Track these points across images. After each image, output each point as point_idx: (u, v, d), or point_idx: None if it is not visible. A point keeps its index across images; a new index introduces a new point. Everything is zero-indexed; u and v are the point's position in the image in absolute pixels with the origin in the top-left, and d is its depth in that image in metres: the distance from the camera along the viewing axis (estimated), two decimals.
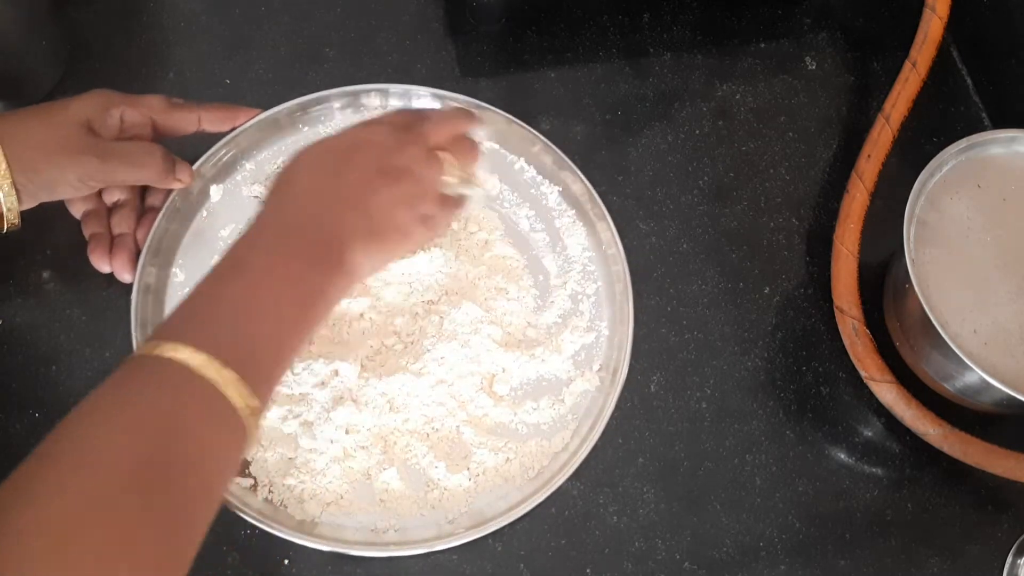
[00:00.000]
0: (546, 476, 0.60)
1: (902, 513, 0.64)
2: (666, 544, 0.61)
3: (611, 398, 0.62)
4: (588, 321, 0.65)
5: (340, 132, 0.55)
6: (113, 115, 0.59)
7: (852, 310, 0.65)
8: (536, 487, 0.59)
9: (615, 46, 0.76)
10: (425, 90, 0.69)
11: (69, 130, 0.57)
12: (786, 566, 0.62)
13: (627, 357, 0.63)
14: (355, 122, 0.57)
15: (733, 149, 0.73)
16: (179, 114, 0.62)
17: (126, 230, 0.62)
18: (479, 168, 0.61)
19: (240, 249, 0.50)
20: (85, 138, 0.57)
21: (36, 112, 0.58)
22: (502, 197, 0.68)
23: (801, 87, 0.76)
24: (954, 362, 0.59)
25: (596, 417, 0.61)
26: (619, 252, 0.65)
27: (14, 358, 0.61)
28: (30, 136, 0.56)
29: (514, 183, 0.68)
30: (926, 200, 0.64)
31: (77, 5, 0.71)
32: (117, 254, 0.62)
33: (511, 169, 0.69)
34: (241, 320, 0.47)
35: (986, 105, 0.77)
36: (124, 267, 0.62)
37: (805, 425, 0.66)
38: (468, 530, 0.58)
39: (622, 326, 0.64)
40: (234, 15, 0.73)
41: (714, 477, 0.63)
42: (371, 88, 0.68)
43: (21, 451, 0.58)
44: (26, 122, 0.57)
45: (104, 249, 0.61)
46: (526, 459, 0.61)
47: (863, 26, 0.79)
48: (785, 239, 0.71)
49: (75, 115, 0.58)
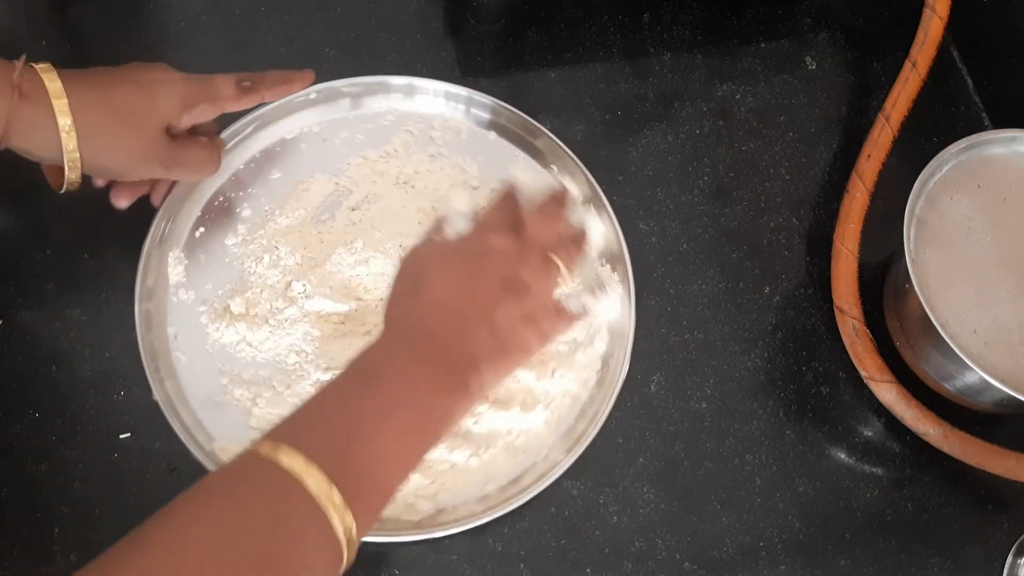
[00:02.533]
0: (539, 472, 0.60)
1: (902, 513, 0.64)
2: (666, 544, 0.61)
3: (611, 396, 0.62)
4: (589, 319, 0.65)
5: (463, 238, 0.54)
6: (192, 115, 0.59)
7: (852, 310, 0.65)
8: (527, 485, 0.60)
9: (615, 46, 0.76)
10: (444, 85, 0.69)
11: (150, 137, 0.57)
12: (786, 566, 0.62)
13: (627, 356, 0.63)
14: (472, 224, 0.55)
15: (733, 149, 0.73)
16: (247, 98, 0.62)
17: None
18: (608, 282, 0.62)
19: (372, 362, 0.49)
20: (160, 146, 0.58)
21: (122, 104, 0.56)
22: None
23: (801, 87, 0.76)
24: (954, 362, 0.59)
25: (593, 416, 0.61)
26: (623, 250, 0.65)
27: (14, 358, 0.61)
28: (112, 137, 0.56)
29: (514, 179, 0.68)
30: (926, 200, 0.64)
31: (77, 5, 0.71)
32: (131, 185, 0.61)
33: (513, 164, 0.69)
34: (361, 439, 0.46)
35: (986, 105, 0.77)
36: (125, 194, 0.61)
37: (805, 425, 0.66)
38: (463, 520, 0.58)
39: (623, 324, 0.64)
40: (234, 15, 0.73)
41: (714, 477, 0.63)
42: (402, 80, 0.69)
43: (21, 451, 0.59)
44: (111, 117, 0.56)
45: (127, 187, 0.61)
46: (522, 457, 0.61)
47: (863, 26, 0.79)
48: (785, 239, 0.71)
49: (158, 119, 0.57)
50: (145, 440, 0.59)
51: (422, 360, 0.49)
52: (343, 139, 0.69)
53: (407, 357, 0.49)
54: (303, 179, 0.67)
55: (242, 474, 0.43)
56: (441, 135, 0.69)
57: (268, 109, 0.67)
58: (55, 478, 0.58)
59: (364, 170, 0.68)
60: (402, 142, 0.69)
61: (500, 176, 0.68)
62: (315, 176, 0.67)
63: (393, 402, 0.47)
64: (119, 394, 0.61)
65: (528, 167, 0.69)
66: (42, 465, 0.59)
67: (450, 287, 0.51)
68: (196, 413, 0.60)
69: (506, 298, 0.51)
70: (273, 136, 0.68)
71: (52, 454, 0.59)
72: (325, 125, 0.69)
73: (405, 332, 0.50)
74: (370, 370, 0.48)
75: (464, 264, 0.52)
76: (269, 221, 0.66)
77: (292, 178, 0.67)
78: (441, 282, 0.51)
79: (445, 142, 0.69)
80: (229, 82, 0.61)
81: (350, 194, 0.67)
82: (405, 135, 0.69)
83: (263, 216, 0.66)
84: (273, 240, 0.65)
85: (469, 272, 0.52)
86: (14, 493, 0.58)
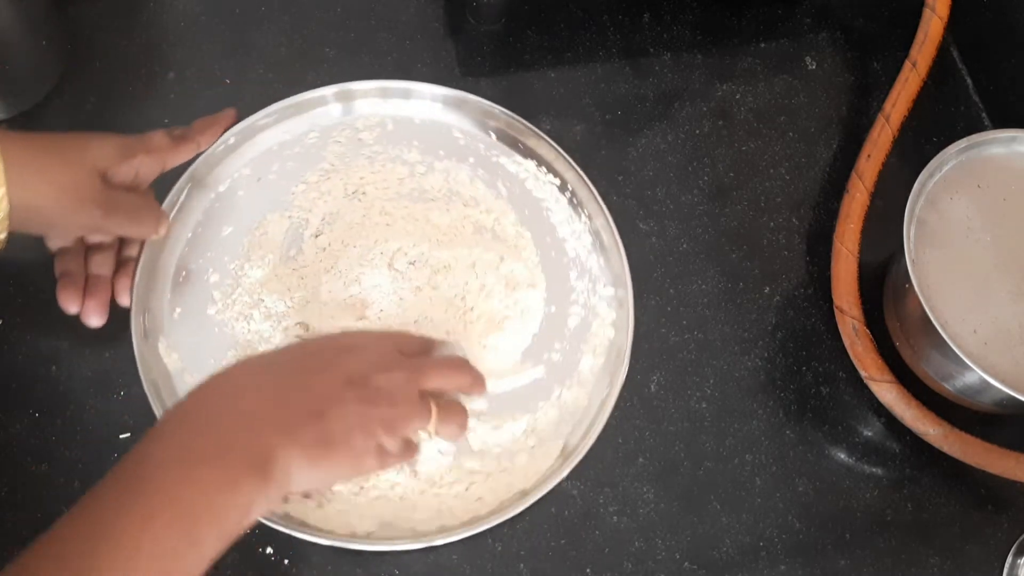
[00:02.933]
0: (543, 474, 0.60)
1: (902, 513, 0.64)
2: (666, 544, 0.61)
3: (611, 397, 0.62)
4: (589, 320, 0.65)
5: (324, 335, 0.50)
6: (131, 165, 0.57)
7: (852, 310, 0.65)
8: (533, 485, 0.60)
9: (615, 46, 0.76)
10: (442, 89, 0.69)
11: (84, 177, 0.54)
12: (786, 566, 0.62)
13: (627, 356, 0.63)
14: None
15: (733, 149, 0.73)
16: (183, 148, 0.61)
17: (104, 272, 0.60)
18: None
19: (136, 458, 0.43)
20: (96, 187, 0.55)
21: (52, 145, 0.54)
22: (502, 194, 0.68)
23: (801, 87, 0.76)
24: (954, 362, 0.59)
25: (595, 416, 0.61)
26: (620, 252, 0.65)
27: (14, 358, 0.61)
28: (43, 173, 0.53)
29: (513, 180, 0.68)
30: (926, 200, 0.64)
31: (77, 4, 0.71)
32: (93, 295, 0.59)
33: (511, 166, 0.69)
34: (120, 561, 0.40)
35: (986, 105, 0.77)
36: (96, 310, 0.59)
37: (805, 425, 0.66)
38: (464, 526, 0.58)
39: (623, 324, 0.64)
40: (234, 15, 0.73)
41: (714, 477, 0.63)
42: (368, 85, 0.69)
43: (21, 451, 0.59)
44: (42, 153, 0.53)
45: (76, 289, 0.59)
46: (522, 460, 0.61)
47: (863, 26, 0.79)
48: (785, 239, 0.71)
49: (92, 161, 0.55)
50: None
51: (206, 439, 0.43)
52: (277, 172, 0.67)
53: (182, 443, 0.44)
54: (255, 225, 0.65)
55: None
56: (369, 134, 0.68)
57: (194, 167, 0.64)
58: (55, 478, 0.58)
59: (310, 195, 0.66)
60: (335, 155, 0.68)
61: (444, 153, 0.68)
62: (266, 217, 0.65)
63: (160, 507, 0.41)
64: (119, 394, 0.61)
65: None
66: (42, 465, 0.59)
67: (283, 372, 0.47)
68: None
69: (351, 395, 0.47)
70: (207, 194, 0.65)
71: (52, 454, 0.59)
72: (253, 164, 0.67)
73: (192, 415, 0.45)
74: (134, 471, 0.43)
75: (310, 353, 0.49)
76: (241, 277, 0.63)
77: (244, 227, 0.65)
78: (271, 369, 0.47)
79: (376, 139, 0.68)
80: (161, 134, 0.60)
81: (307, 223, 0.65)
82: (335, 147, 0.68)
83: (232, 275, 0.63)
84: (254, 295, 0.63)
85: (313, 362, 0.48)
86: (14, 493, 0.58)
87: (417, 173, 0.68)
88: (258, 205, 0.66)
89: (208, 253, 0.64)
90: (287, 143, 0.68)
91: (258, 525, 0.57)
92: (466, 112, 0.69)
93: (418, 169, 0.68)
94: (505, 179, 0.68)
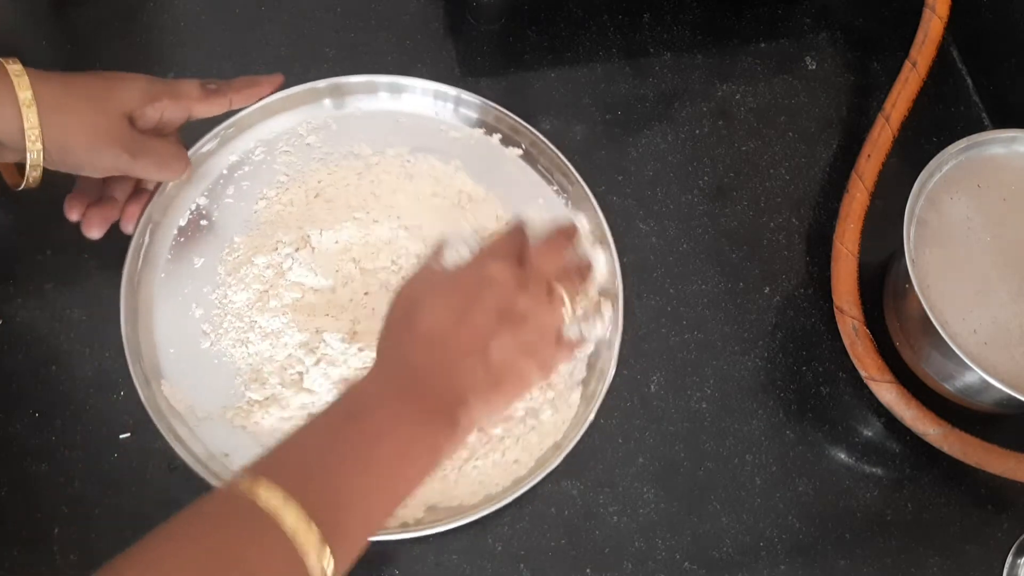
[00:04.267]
0: (570, 423, 0.61)
1: (902, 513, 0.64)
2: (666, 544, 0.61)
3: (596, 399, 0.61)
4: (578, 319, 0.65)
5: (460, 268, 0.52)
6: (156, 108, 0.58)
7: (852, 310, 0.65)
8: (563, 435, 0.60)
9: (615, 46, 0.76)
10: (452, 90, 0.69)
11: (112, 119, 0.56)
12: (786, 566, 0.62)
13: (615, 356, 0.62)
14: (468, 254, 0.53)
15: (733, 149, 0.73)
16: (213, 101, 0.62)
17: (119, 196, 0.62)
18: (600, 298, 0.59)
19: (360, 396, 0.48)
20: (125, 130, 0.57)
21: (83, 87, 0.56)
22: (500, 194, 0.68)
23: (801, 87, 0.76)
24: (954, 362, 0.59)
25: (583, 416, 0.61)
26: (611, 249, 0.65)
27: (14, 358, 0.61)
28: (74, 115, 0.55)
29: (510, 180, 0.68)
30: (926, 200, 0.64)
31: (77, 5, 0.71)
32: (99, 207, 0.60)
33: (507, 166, 0.69)
34: (343, 477, 0.45)
35: (986, 105, 0.77)
36: (97, 222, 0.60)
37: (805, 425, 0.66)
38: (508, 491, 0.58)
39: (611, 323, 0.63)
40: (234, 15, 0.73)
41: (714, 477, 0.63)
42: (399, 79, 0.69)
43: (21, 451, 0.59)
44: (72, 96, 0.55)
45: (84, 201, 0.60)
46: (510, 452, 0.61)
47: (863, 26, 0.79)
48: (785, 239, 0.71)
49: (119, 104, 0.57)
50: (145, 440, 0.59)
51: (408, 396, 0.48)
52: (233, 195, 0.66)
53: (393, 393, 0.48)
54: (225, 249, 0.64)
55: (218, 511, 0.43)
56: (315, 137, 0.68)
57: (151, 206, 0.63)
58: (55, 478, 0.58)
59: (274, 209, 0.65)
60: (286, 164, 0.67)
61: (395, 141, 0.68)
62: (234, 241, 0.64)
63: (377, 438, 0.46)
64: (119, 394, 0.61)
65: (532, 195, 0.68)
66: (42, 465, 0.59)
67: (442, 319, 0.50)
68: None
69: (502, 330, 0.50)
70: (170, 229, 0.64)
71: (52, 454, 0.59)
72: (208, 194, 0.65)
73: (393, 367, 0.50)
74: (356, 406, 0.48)
75: (459, 295, 0.51)
76: (227, 304, 0.63)
77: (216, 256, 0.64)
78: (433, 314, 0.50)
79: (321, 140, 0.68)
80: (193, 83, 0.61)
81: (278, 240, 0.64)
82: (284, 156, 0.67)
83: (217, 305, 0.63)
84: (244, 319, 0.62)
85: (463, 303, 0.50)
86: (14, 493, 0.58)
87: (372, 164, 0.67)
88: (224, 231, 0.65)
89: (185, 289, 0.63)
90: (236, 164, 0.67)
91: None
92: (464, 109, 0.69)
93: (371, 160, 0.67)
94: (499, 175, 0.68)
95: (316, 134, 0.68)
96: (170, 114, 0.59)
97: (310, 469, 0.44)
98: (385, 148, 0.68)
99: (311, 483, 0.43)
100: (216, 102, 0.62)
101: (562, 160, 0.67)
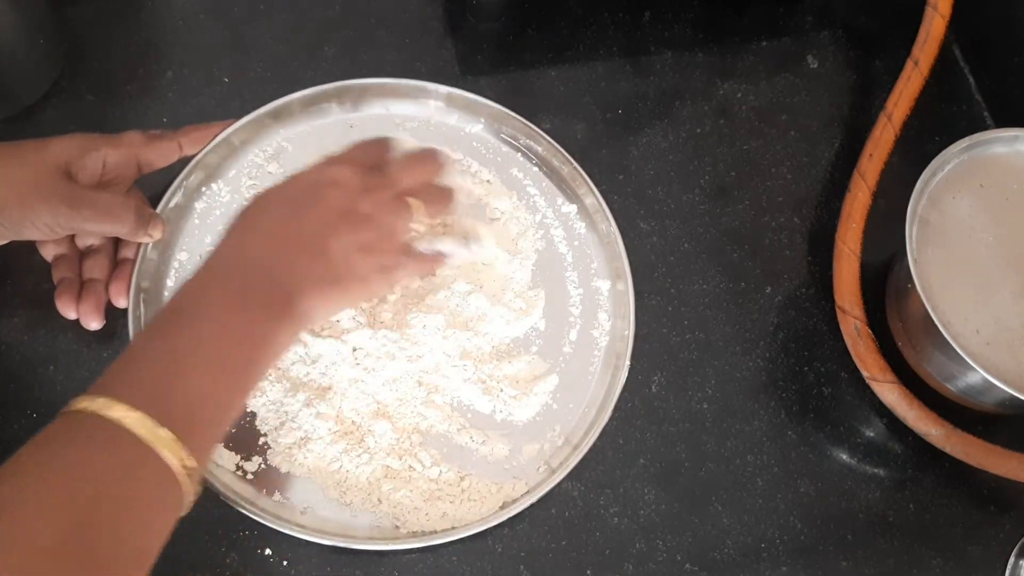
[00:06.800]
0: (541, 476, 0.60)
1: (904, 514, 0.64)
2: (667, 545, 0.61)
3: (611, 398, 0.61)
4: (588, 320, 0.65)
5: (304, 170, 0.54)
6: (94, 159, 0.57)
7: (854, 310, 0.65)
8: (531, 486, 0.59)
9: (616, 44, 0.75)
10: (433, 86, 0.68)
11: (43, 173, 0.55)
12: (788, 567, 0.61)
13: (628, 356, 0.63)
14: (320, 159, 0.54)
15: (734, 148, 0.73)
16: (159, 146, 0.61)
17: (98, 276, 0.60)
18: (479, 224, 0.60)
19: (185, 297, 0.49)
20: (59, 183, 0.55)
21: (11, 150, 0.56)
22: (499, 194, 0.68)
23: (803, 85, 0.76)
24: (956, 362, 0.59)
25: (594, 418, 0.61)
26: (620, 250, 0.65)
27: (13, 358, 0.61)
28: (2, 173, 0.54)
29: (512, 180, 0.68)
30: (928, 199, 0.64)
31: (75, 3, 0.71)
32: (85, 299, 0.59)
33: (509, 165, 0.69)
34: (181, 376, 0.46)
35: (988, 104, 0.77)
36: (91, 314, 0.59)
37: (807, 426, 0.65)
38: (464, 526, 0.58)
39: (623, 324, 0.64)
40: (233, 14, 0.73)
41: (715, 478, 0.63)
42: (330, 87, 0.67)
43: None
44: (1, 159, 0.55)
45: (72, 295, 0.59)
46: (524, 459, 0.61)
47: (865, 24, 0.79)
48: (787, 238, 0.71)
49: (52, 157, 0.56)
50: None
51: (236, 289, 0.49)
52: (212, 242, 0.62)
53: (219, 287, 0.49)
54: None
55: (65, 432, 0.43)
56: (275, 165, 0.66)
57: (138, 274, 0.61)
58: None
59: None
60: (250, 188, 0.66)
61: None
62: None
63: (208, 335, 0.47)
64: None
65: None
66: None
67: (279, 218, 0.51)
68: None
69: (341, 227, 0.51)
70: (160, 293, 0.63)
71: None
72: (187, 247, 0.64)
73: (225, 264, 0.50)
74: (183, 307, 0.49)
75: (301, 193, 0.52)
76: None
77: None
78: (270, 214, 0.51)
79: (282, 165, 0.66)
80: (135, 132, 0.60)
81: None
82: (250, 191, 0.65)
83: None
84: None
85: (303, 201, 0.52)
86: None
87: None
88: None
89: None
90: (205, 211, 0.65)
91: (256, 526, 0.56)
92: (464, 110, 0.69)
93: None
94: (505, 176, 0.68)
95: (275, 161, 0.67)
96: (114, 162, 0.58)
97: (147, 379, 0.45)
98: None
99: (150, 392, 0.44)
100: (162, 147, 0.61)
101: (566, 157, 0.67)
